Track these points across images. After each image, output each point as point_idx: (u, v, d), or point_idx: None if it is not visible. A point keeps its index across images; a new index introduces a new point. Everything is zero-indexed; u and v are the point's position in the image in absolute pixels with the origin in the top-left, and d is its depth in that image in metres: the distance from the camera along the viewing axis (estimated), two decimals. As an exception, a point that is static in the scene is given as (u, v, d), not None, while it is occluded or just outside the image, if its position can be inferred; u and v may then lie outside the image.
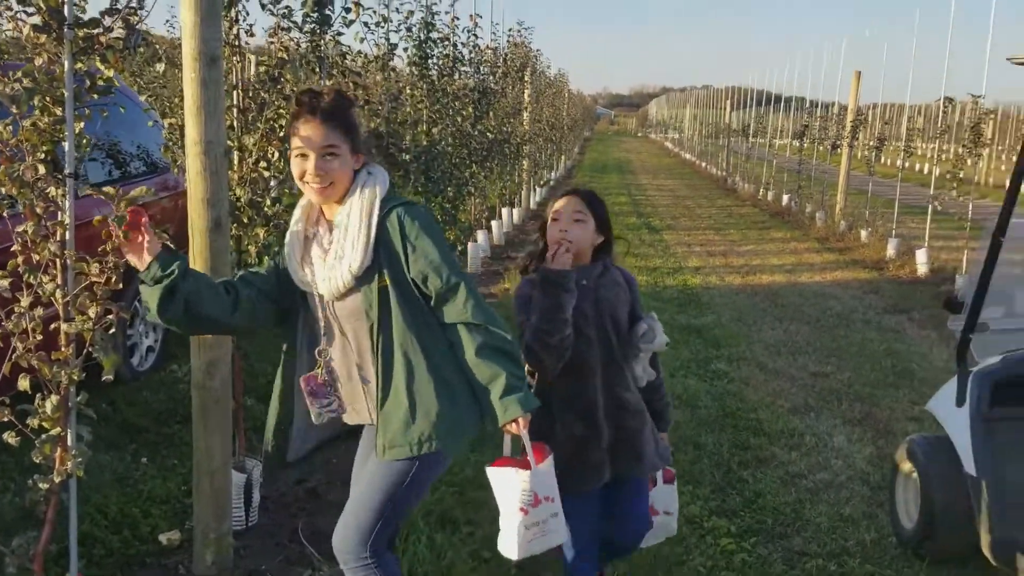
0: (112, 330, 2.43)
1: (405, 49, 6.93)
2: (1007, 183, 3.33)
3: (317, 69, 4.43)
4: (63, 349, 2.45)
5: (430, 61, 7.10)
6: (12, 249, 2.40)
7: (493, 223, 11.41)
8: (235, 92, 3.46)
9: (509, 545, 2.43)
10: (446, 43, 7.56)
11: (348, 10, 4.47)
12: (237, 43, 3.43)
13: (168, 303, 2.23)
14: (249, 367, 4.82)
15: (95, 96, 2.51)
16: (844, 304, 8.56)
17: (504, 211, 12.48)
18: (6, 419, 2.37)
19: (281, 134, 3.40)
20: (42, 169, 2.34)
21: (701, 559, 3.50)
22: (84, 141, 2.53)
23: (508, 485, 2.41)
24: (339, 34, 4.62)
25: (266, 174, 3.46)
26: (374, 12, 5.76)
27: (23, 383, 2.37)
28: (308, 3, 4.30)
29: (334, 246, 2.35)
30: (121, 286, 2.43)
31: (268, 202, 3.48)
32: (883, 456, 4.64)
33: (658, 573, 3.37)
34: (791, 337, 7.16)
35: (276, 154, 3.41)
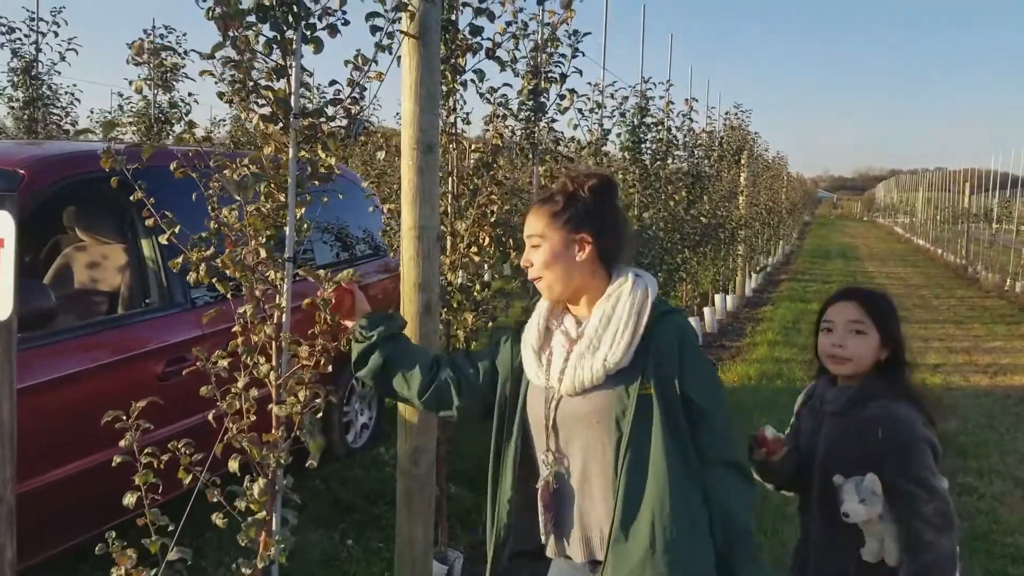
0: (320, 414, 2.42)
1: (618, 135, 6.90)
2: None
3: (530, 155, 4.43)
4: (273, 431, 2.46)
5: (643, 145, 7.02)
6: (233, 330, 2.47)
7: (706, 310, 11.03)
8: (450, 178, 3.49)
9: None
10: (659, 127, 7.47)
11: (562, 97, 4.46)
12: (454, 131, 3.47)
13: (362, 362, 2.27)
14: (456, 451, 4.78)
15: (316, 183, 2.57)
16: (1116, 413, 7.44)
17: (718, 297, 12.06)
18: (215, 500, 2.39)
19: (492, 219, 3.38)
20: (263, 253, 2.40)
21: None
22: (305, 226, 2.59)
23: None
24: (553, 120, 4.63)
25: (477, 259, 3.43)
26: (588, 98, 5.77)
27: (233, 464, 2.39)
28: (524, 91, 4.34)
29: (586, 337, 2.04)
30: (331, 369, 2.42)
31: (478, 287, 3.45)
32: None
33: None
34: (1053, 449, 6.27)
35: (487, 239, 3.38)
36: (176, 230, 2.49)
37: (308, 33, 2.48)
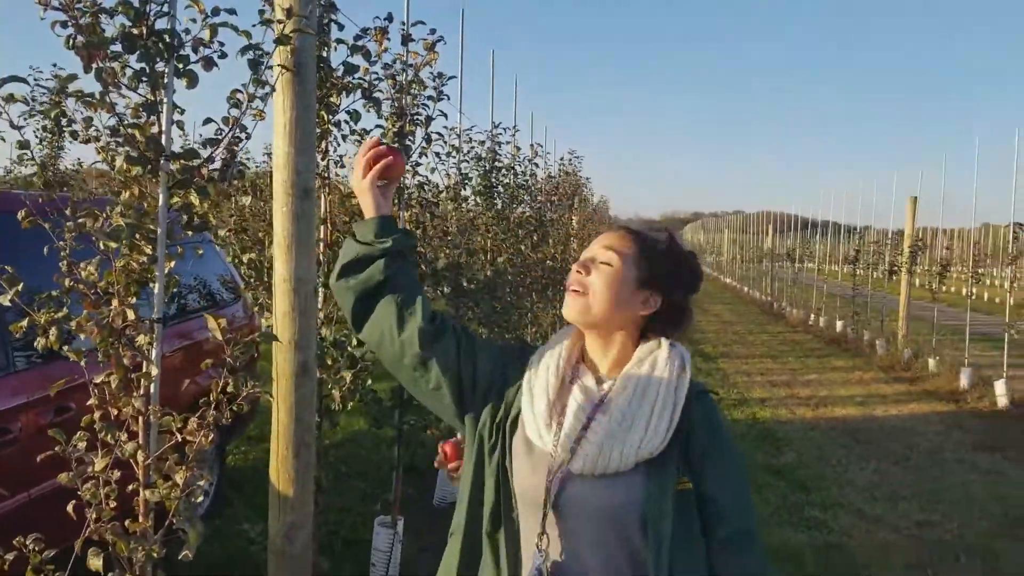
0: (201, 499, 2.11)
1: (469, 179, 6.81)
2: None
3: (396, 200, 4.24)
4: (141, 519, 2.13)
5: (495, 190, 6.97)
6: (88, 403, 2.13)
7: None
8: (323, 226, 3.24)
9: None
10: (509, 172, 7.45)
11: (429, 140, 4.31)
12: (327, 174, 3.23)
13: (356, 268, 1.77)
14: (323, 521, 4.45)
15: (189, 233, 2.28)
16: (929, 440, 8.02)
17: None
18: (71, 604, 2.03)
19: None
20: (131, 315, 2.08)
21: None
22: (172, 282, 2.29)
23: None
24: (418, 164, 4.46)
25: (354, 312, 3.19)
26: (444, 142, 5.64)
27: (96, 562, 2.04)
28: (389, 134, 4.15)
29: (616, 409, 1.66)
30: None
31: (354, 342, 3.20)
32: (1025, 625, 4.10)
33: None
34: (884, 479, 6.64)
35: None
36: (19, 288, 2.12)
37: (181, 67, 2.21)
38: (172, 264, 2.24)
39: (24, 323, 2.11)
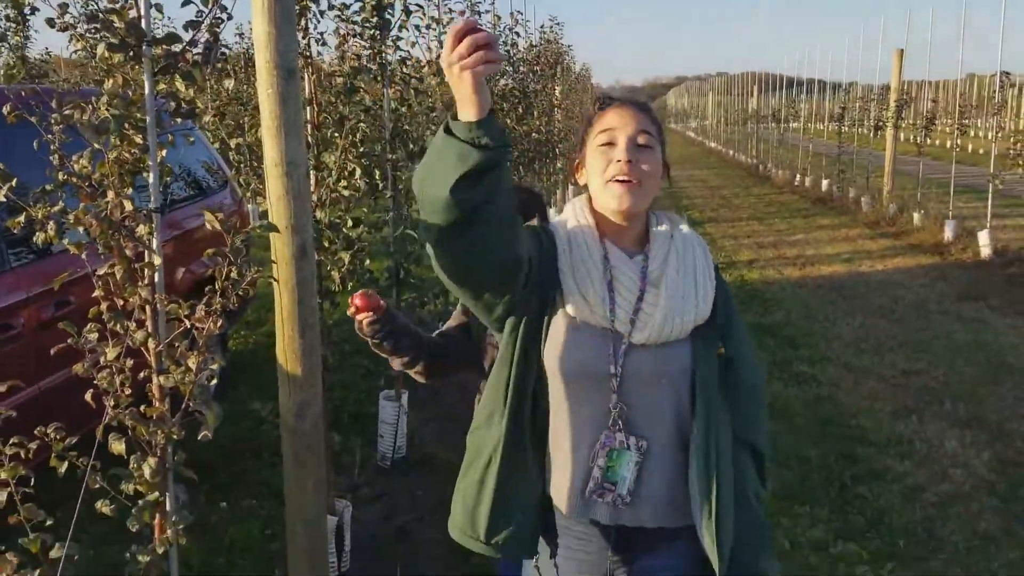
0: (214, 381, 2.17)
1: (451, 51, 6.65)
2: None
3: (379, 77, 4.16)
4: (157, 404, 2.19)
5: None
6: (94, 295, 2.15)
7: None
8: (308, 107, 3.19)
9: None
10: (490, 43, 7.27)
11: (408, 12, 4.20)
12: (308, 53, 3.16)
13: (475, 179, 1.39)
14: (329, 398, 4.57)
15: (178, 120, 2.25)
16: (914, 293, 8.19)
17: (551, 211, 12.18)
18: (97, 486, 2.11)
19: (362, 149, 3.13)
20: (129, 206, 2.08)
21: (840, 591, 3.19)
22: (164, 171, 2.28)
23: None
24: (398, 39, 4.36)
25: (346, 193, 3.18)
26: (423, 14, 5.48)
27: (118, 446, 2.11)
28: (367, 7, 4.04)
29: (669, 280, 1.71)
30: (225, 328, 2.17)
31: (349, 223, 3.21)
32: (1003, 461, 4.31)
33: (796, 610, 3.07)
34: (870, 332, 6.81)
35: (358, 171, 3.14)
36: (14, 183, 2.11)
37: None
38: (164, 153, 2.22)
39: (21, 218, 2.11)
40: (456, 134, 1.39)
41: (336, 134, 3.11)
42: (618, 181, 1.70)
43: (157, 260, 2.15)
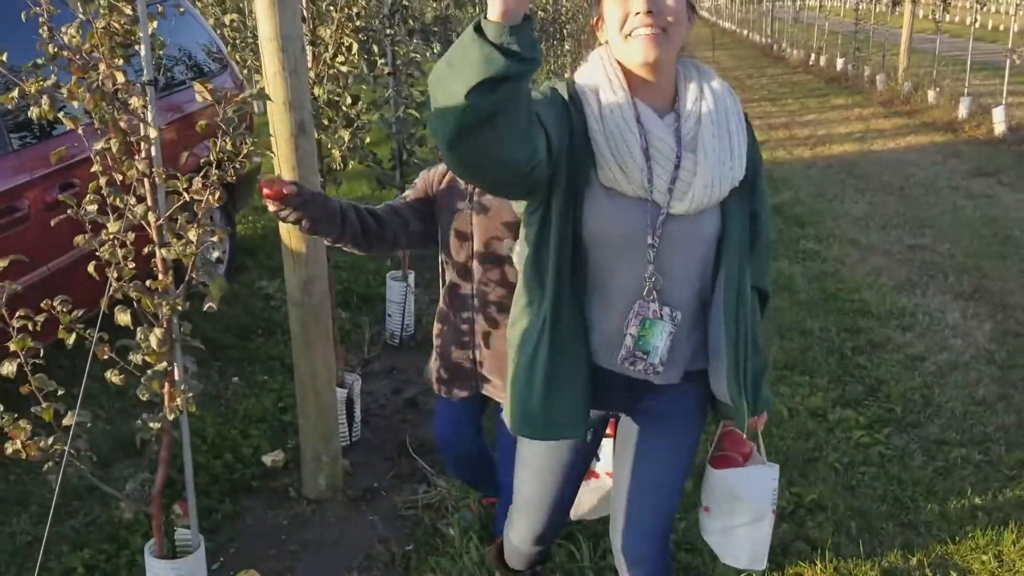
0: (216, 253, 2.20)
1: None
2: None
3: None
4: (160, 277, 2.23)
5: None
6: (92, 170, 2.16)
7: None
8: (301, -22, 3.12)
9: (758, 554, 2.04)
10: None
11: None
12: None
13: (493, 85, 1.28)
14: (337, 279, 4.64)
15: (166, -11, 2.21)
16: (925, 170, 8.11)
17: (552, 95, 11.96)
18: (106, 357, 2.18)
19: (358, 23, 3.07)
20: (121, 78, 2.07)
21: (835, 455, 3.28)
22: (158, 43, 2.25)
23: (757, 485, 2.00)
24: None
25: (344, 69, 3.14)
26: None
27: (124, 317, 2.16)
28: None
29: (706, 143, 1.64)
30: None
31: (348, 100, 3.18)
32: (1005, 332, 4.36)
33: (791, 473, 3.17)
34: (877, 209, 6.78)
35: (354, 46, 3.09)
36: (4, 58, 2.09)
37: None
38: (155, 24, 2.20)
39: (15, 94, 2.10)
40: (486, 35, 1.28)
41: (331, 7, 3.05)
42: (640, 34, 1.58)
43: (153, 133, 2.15)
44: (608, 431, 2.06)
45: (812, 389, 3.79)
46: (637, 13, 1.56)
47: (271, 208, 2.14)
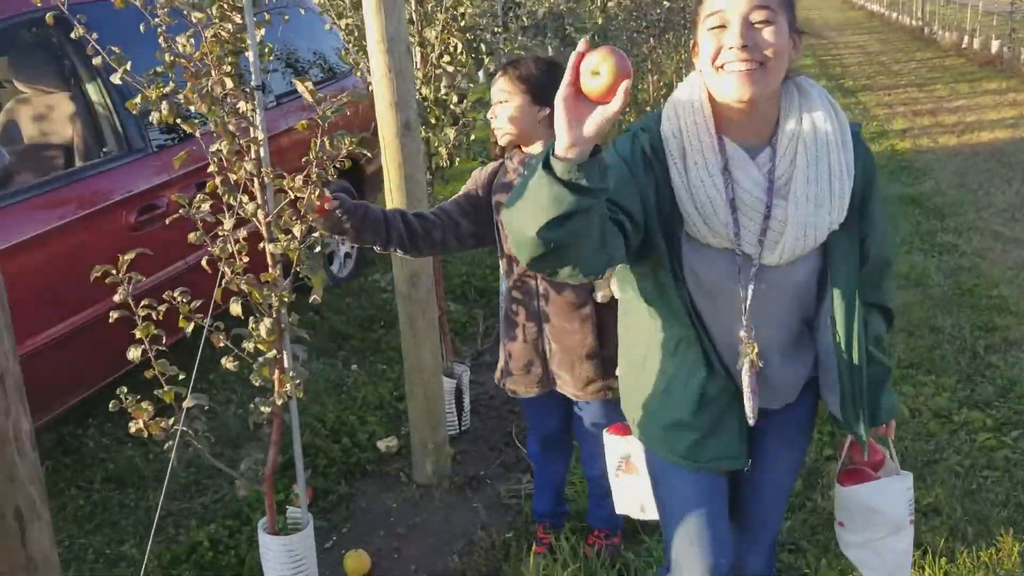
0: (319, 248, 2.32)
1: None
2: None
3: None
4: (271, 270, 2.37)
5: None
6: (208, 170, 2.32)
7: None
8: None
9: (900, 567, 1.96)
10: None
11: None
12: (408, -74, 3.17)
13: (561, 225, 1.29)
14: (444, 270, 4.76)
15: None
16: (1084, 157, 7.53)
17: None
18: (222, 345, 2.33)
19: (463, 23, 3.15)
20: (230, 83, 2.21)
21: (957, 457, 3.13)
22: (267, 50, 2.39)
23: (892, 497, 1.92)
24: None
25: (450, 69, 3.23)
26: None
27: (236, 308, 2.31)
28: None
29: (799, 185, 1.54)
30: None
31: (455, 98, 3.26)
32: None
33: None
34: (1026, 200, 6.36)
35: (459, 46, 3.17)
36: (128, 66, 2.27)
37: None
38: (263, 32, 2.33)
39: (137, 100, 2.28)
40: (555, 171, 1.26)
41: (437, 9, 3.14)
42: (735, 69, 1.48)
43: (260, 135, 2.28)
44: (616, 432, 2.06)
45: (938, 389, 3.61)
46: (731, 48, 1.48)
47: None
